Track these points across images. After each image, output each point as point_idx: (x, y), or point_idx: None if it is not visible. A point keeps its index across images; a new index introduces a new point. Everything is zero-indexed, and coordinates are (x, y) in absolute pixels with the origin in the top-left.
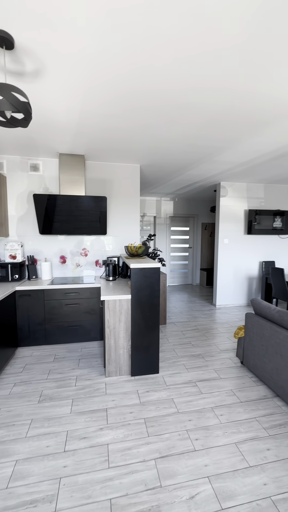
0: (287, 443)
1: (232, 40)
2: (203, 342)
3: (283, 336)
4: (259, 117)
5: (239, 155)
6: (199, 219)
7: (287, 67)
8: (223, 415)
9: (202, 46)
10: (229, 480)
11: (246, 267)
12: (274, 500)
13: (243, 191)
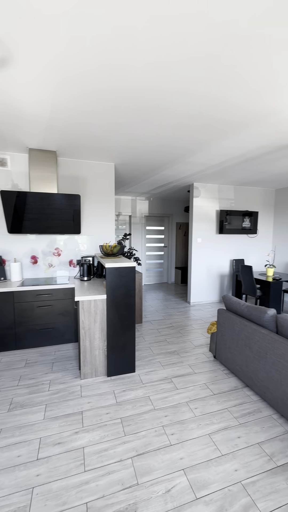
0: (255, 430)
1: (200, 46)
2: (178, 339)
3: (251, 330)
4: (228, 123)
5: (211, 157)
6: (174, 218)
7: (250, 75)
8: (197, 408)
9: (173, 50)
10: (203, 470)
11: (218, 265)
12: (244, 484)
13: (214, 192)
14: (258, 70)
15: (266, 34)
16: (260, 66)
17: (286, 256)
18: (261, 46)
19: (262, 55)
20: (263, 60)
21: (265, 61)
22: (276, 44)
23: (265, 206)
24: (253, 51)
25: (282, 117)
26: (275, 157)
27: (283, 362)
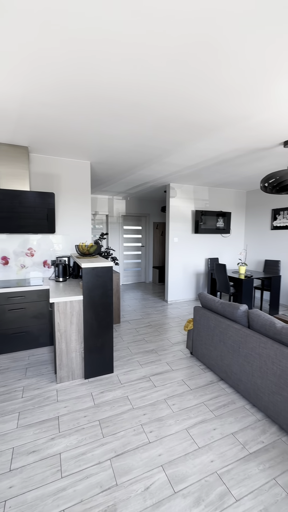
0: (230, 421)
1: (177, 49)
2: (156, 338)
3: (225, 325)
4: (203, 125)
5: (186, 158)
6: (151, 218)
7: (221, 82)
8: (175, 405)
9: (150, 49)
10: (181, 464)
11: (194, 264)
12: (220, 474)
13: (190, 193)
14: (230, 77)
15: (234, 44)
16: (231, 73)
17: (256, 254)
18: (230, 55)
19: (232, 63)
20: (233, 67)
21: (235, 69)
22: (245, 53)
23: (237, 207)
24: (222, 58)
25: (252, 123)
26: (246, 160)
27: (254, 354)
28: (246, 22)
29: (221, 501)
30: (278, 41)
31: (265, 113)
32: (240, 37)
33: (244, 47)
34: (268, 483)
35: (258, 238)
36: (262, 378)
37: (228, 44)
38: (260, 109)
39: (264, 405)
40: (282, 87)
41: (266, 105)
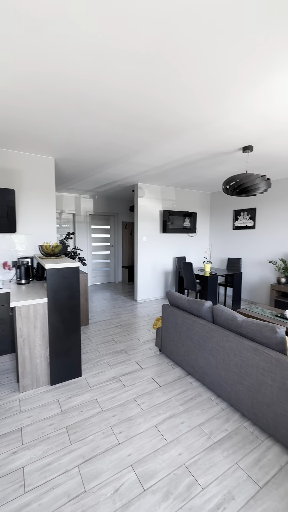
0: (197, 413)
1: (141, 49)
2: (126, 337)
3: (192, 322)
4: (170, 127)
5: (153, 159)
6: (120, 217)
7: (189, 85)
8: (145, 403)
9: (112, 43)
10: (150, 462)
11: (163, 263)
12: (187, 465)
13: (158, 193)
14: (197, 81)
15: (195, 49)
16: (192, 79)
17: (220, 253)
18: (194, 61)
19: (195, 69)
20: (196, 73)
21: (199, 74)
22: (206, 59)
23: (203, 207)
24: (187, 63)
25: (215, 127)
26: (209, 163)
27: (218, 348)
28: (207, 29)
29: (188, 492)
30: (237, 46)
31: (227, 119)
32: (201, 43)
33: (203, 52)
34: (231, 468)
35: (221, 238)
36: (226, 369)
37: (191, 49)
38: (222, 114)
39: (228, 395)
40: (242, 94)
41: (228, 110)
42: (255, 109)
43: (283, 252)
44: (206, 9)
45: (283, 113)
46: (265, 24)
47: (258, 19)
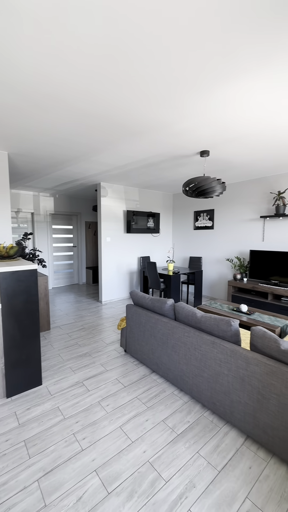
0: (160, 409)
1: (94, 49)
2: (90, 340)
3: (155, 320)
4: (130, 127)
5: (115, 158)
6: (83, 217)
7: (143, 87)
8: (109, 405)
9: (63, 37)
10: (115, 463)
11: (128, 263)
12: (151, 462)
13: (121, 193)
14: (145, 84)
15: (147, 54)
16: (146, 80)
17: (182, 252)
18: (141, 62)
19: (144, 69)
20: (147, 76)
21: (149, 78)
22: (156, 64)
23: (165, 208)
24: (138, 65)
25: (173, 130)
26: (170, 165)
27: (180, 344)
28: (156, 35)
29: (152, 487)
30: (192, 55)
31: (184, 123)
32: (151, 49)
33: (154, 56)
34: (193, 457)
35: (183, 237)
36: (187, 364)
37: (142, 53)
38: (179, 118)
39: (189, 388)
40: (192, 101)
41: (183, 115)
42: (208, 116)
43: (239, 250)
44: (156, 22)
45: (233, 122)
46: (204, 41)
47: (199, 36)
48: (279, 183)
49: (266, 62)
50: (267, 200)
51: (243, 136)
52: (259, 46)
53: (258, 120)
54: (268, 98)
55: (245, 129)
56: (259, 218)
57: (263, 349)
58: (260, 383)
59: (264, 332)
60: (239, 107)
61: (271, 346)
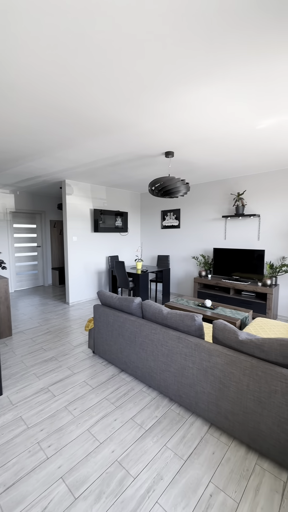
0: (129, 407)
1: (51, 40)
2: (56, 343)
3: (123, 319)
4: (94, 124)
5: (81, 155)
6: (47, 216)
7: (104, 85)
8: (77, 408)
9: (30, 24)
10: (82, 467)
11: (95, 262)
12: (119, 461)
13: (87, 191)
14: (106, 82)
15: (108, 50)
16: (107, 77)
17: (151, 251)
18: (104, 55)
19: (102, 69)
20: (112, 72)
21: (112, 75)
22: (111, 64)
23: (133, 207)
24: (101, 60)
25: (138, 130)
26: (136, 165)
27: (147, 341)
28: (123, 34)
29: (120, 486)
30: (147, 55)
31: (148, 124)
32: (114, 43)
33: (120, 53)
34: (160, 450)
35: (151, 236)
36: (155, 360)
37: (105, 46)
38: (143, 119)
39: (157, 383)
40: (157, 102)
41: (148, 116)
42: (171, 118)
43: (203, 248)
44: (126, 17)
45: (193, 126)
46: (153, 50)
47: (158, 43)
48: (239, 185)
49: (217, 73)
50: (228, 201)
51: (203, 140)
52: (209, 57)
53: (215, 126)
54: (222, 106)
55: (204, 133)
56: (221, 217)
57: (224, 341)
58: (221, 372)
59: (225, 325)
60: (198, 112)
61: (230, 337)
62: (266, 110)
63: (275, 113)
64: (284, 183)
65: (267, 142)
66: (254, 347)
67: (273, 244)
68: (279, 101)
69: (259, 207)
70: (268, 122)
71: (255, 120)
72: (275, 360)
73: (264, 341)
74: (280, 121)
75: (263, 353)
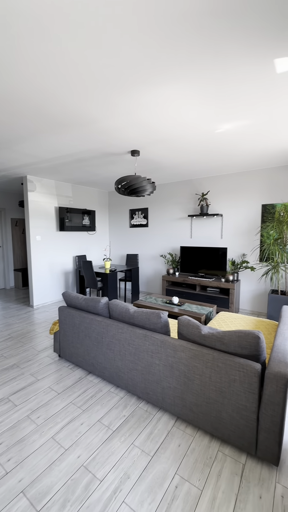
0: (96, 409)
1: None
2: (19, 349)
3: (89, 320)
4: (56, 118)
5: (42, 150)
6: (7, 213)
7: (63, 72)
8: (40, 416)
9: None
10: (46, 478)
11: (62, 263)
12: (86, 465)
13: (52, 188)
14: (65, 70)
15: (62, 42)
16: (68, 68)
17: (120, 249)
18: (59, 43)
19: (63, 59)
20: (73, 65)
21: (75, 69)
22: (82, 52)
23: (101, 205)
24: (54, 50)
25: (101, 127)
26: (102, 162)
27: (114, 341)
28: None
29: (86, 491)
30: (105, 47)
31: (111, 120)
32: (67, 38)
33: (74, 42)
34: (128, 449)
35: (120, 235)
36: (122, 359)
37: (61, 35)
38: (105, 115)
39: (125, 382)
40: (121, 100)
41: (110, 112)
42: (134, 117)
43: (171, 247)
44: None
45: (157, 125)
46: (112, 48)
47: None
48: (203, 186)
49: (176, 74)
50: (193, 201)
51: (167, 140)
52: (168, 57)
53: (177, 127)
54: (183, 108)
55: (168, 134)
56: (187, 217)
57: (188, 336)
58: (186, 367)
59: (189, 320)
60: (160, 112)
61: (194, 332)
62: (224, 116)
63: (233, 119)
64: (244, 185)
65: (226, 145)
66: (216, 340)
67: (234, 242)
68: (236, 106)
69: (222, 207)
70: (226, 126)
71: (214, 124)
72: (234, 351)
73: (224, 334)
74: (238, 126)
75: (224, 345)
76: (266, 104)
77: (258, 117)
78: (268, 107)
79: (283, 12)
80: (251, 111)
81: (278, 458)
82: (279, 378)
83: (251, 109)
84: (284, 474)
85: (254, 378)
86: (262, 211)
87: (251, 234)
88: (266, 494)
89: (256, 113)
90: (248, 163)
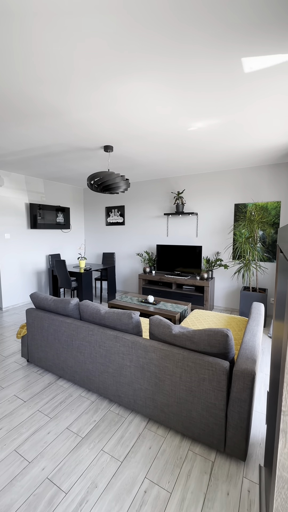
0: (65, 416)
1: None
2: None
3: (59, 322)
4: (20, 107)
5: (9, 142)
6: None
7: (29, 64)
8: (3, 428)
9: None
10: (5, 495)
11: (34, 262)
12: (50, 477)
13: (22, 183)
14: (38, 61)
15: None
16: (36, 58)
17: (95, 248)
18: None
19: (30, 44)
20: (31, 47)
21: (38, 51)
22: (53, 42)
23: (76, 202)
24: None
25: (71, 119)
26: (74, 157)
27: (85, 343)
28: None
29: (50, 505)
30: (80, 45)
31: (81, 113)
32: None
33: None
34: (97, 456)
35: (96, 233)
36: (93, 362)
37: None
38: (75, 107)
39: (96, 386)
40: (91, 91)
41: (80, 104)
42: (105, 110)
43: (147, 245)
44: None
45: (129, 121)
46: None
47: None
48: (178, 184)
49: (144, 68)
50: (169, 199)
51: (141, 136)
52: (137, 51)
53: (150, 123)
54: (156, 104)
55: (141, 130)
56: (163, 215)
57: (159, 336)
58: (157, 368)
59: (160, 320)
60: (133, 106)
61: (165, 332)
62: (195, 115)
63: (204, 117)
64: (218, 184)
65: (200, 144)
66: (186, 339)
67: (209, 240)
68: (205, 102)
69: (197, 206)
70: (198, 125)
71: (186, 121)
72: (204, 350)
73: (194, 333)
74: (208, 125)
75: (194, 344)
76: (234, 104)
77: (227, 117)
78: (236, 107)
79: (254, 11)
80: (220, 107)
81: (246, 453)
82: (246, 375)
83: (219, 105)
84: (250, 469)
85: (223, 376)
86: (235, 210)
87: (224, 232)
88: (233, 490)
89: (224, 111)
90: (221, 163)
